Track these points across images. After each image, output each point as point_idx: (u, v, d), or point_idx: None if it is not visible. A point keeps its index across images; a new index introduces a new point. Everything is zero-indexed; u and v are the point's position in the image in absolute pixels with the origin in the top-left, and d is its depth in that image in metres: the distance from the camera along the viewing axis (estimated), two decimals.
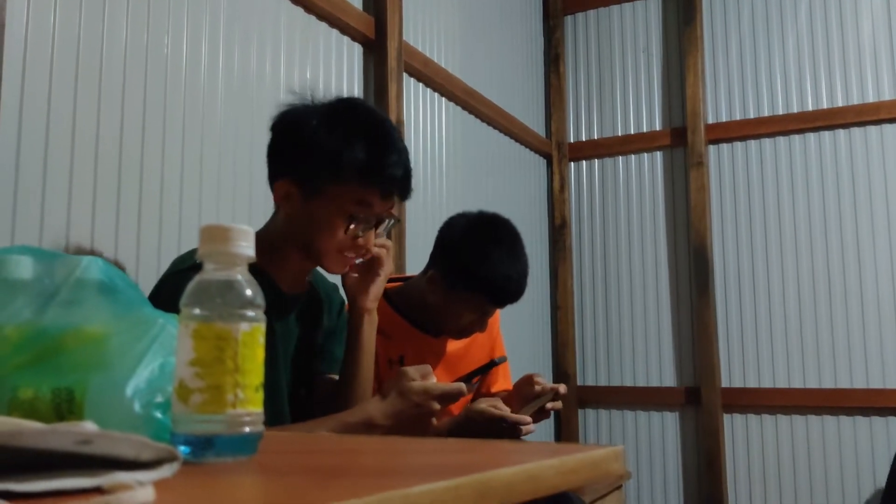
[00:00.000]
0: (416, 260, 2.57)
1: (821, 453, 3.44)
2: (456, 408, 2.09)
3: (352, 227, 1.42)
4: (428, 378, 1.40)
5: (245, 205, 2.13)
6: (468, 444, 0.76)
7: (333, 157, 1.40)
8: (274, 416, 1.43)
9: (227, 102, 2.10)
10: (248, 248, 0.65)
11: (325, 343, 1.68)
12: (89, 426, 0.48)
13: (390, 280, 2.16)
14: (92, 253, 1.69)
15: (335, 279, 1.78)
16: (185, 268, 1.39)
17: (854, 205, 3.49)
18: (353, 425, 1.37)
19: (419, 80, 3.00)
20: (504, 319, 2.17)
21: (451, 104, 3.22)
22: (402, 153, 1.46)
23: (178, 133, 1.94)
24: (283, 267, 1.51)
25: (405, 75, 2.88)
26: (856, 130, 3.51)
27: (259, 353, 0.64)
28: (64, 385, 0.73)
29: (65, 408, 0.72)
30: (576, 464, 0.64)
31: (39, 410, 0.72)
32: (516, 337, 3.52)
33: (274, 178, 1.48)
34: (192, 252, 1.50)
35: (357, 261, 1.53)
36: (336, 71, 2.58)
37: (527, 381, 1.97)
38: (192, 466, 0.58)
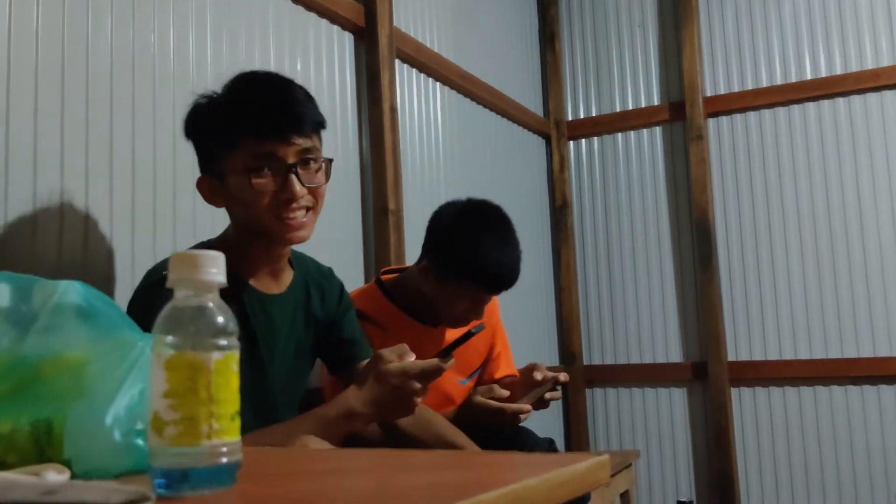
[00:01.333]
0: (415, 249, 2.55)
1: (829, 424, 3.44)
2: (458, 398, 2.09)
3: (256, 182, 1.36)
4: (405, 357, 1.33)
5: None
6: (454, 458, 0.75)
7: (215, 130, 1.40)
8: (266, 423, 1.41)
9: None
10: (218, 275, 0.64)
11: (329, 336, 1.65)
12: (53, 477, 0.47)
13: (387, 271, 2.16)
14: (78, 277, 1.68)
15: (329, 264, 1.76)
16: (153, 281, 1.38)
17: (856, 173, 3.46)
18: (333, 419, 1.33)
19: (412, 66, 2.97)
20: (507, 302, 2.16)
21: (446, 89, 3.19)
22: (278, 93, 1.40)
23: (170, 131, 1.92)
24: (252, 265, 1.48)
25: (398, 62, 2.85)
26: (855, 98, 3.47)
27: (234, 381, 0.63)
28: (43, 416, 0.72)
29: (44, 440, 0.71)
30: (561, 479, 0.63)
31: (18, 444, 0.71)
32: (520, 319, 3.52)
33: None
34: (165, 262, 1.48)
35: (301, 216, 1.42)
36: (327, 61, 2.56)
37: (530, 370, 1.97)
38: (170, 502, 0.57)
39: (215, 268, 0.64)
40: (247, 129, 1.36)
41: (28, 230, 1.58)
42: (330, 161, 1.45)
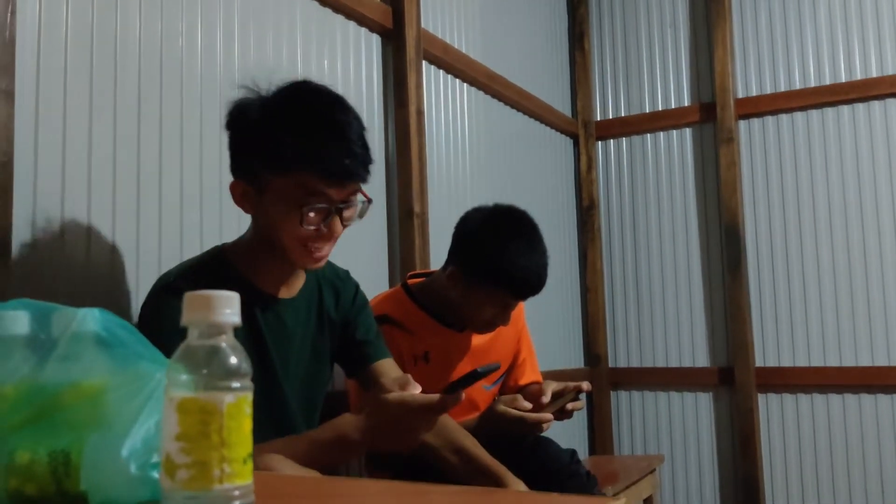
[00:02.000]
0: (440, 253, 2.55)
1: (858, 432, 3.39)
2: (482, 404, 2.08)
3: (306, 217, 1.35)
4: (407, 388, 1.25)
5: None
6: (470, 497, 0.74)
7: (269, 147, 1.34)
8: (280, 432, 1.41)
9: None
10: (232, 315, 0.64)
11: (344, 336, 1.63)
12: None
13: (413, 275, 2.16)
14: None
15: (354, 268, 1.76)
16: (161, 286, 1.39)
17: (890, 179, 3.40)
18: (325, 443, 1.28)
19: (439, 67, 2.96)
20: (533, 303, 2.15)
21: (473, 89, 3.18)
22: (345, 132, 1.36)
23: (196, 132, 1.93)
24: (264, 271, 1.48)
25: (425, 63, 2.84)
26: (891, 102, 3.41)
27: (246, 424, 0.63)
28: (60, 447, 0.73)
29: (61, 471, 0.72)
30: None
31: (37, 474, 0.72)
32: (546, 320, 3.50)
33: (233, 177, 1.45)
34: (174, 269, 1.48)
35: (326, 249, 1.43)
36: (354, 63, 2.56)
37: (538, 392, 1.97)
38: None
39: (229, 308, 0.64)
40: (307, 167, 1.33)
41: (56, 234, 1.59)
42: (369, 203, 1.45)
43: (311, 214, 1.35)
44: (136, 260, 1.75)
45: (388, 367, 1.63)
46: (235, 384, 0.62)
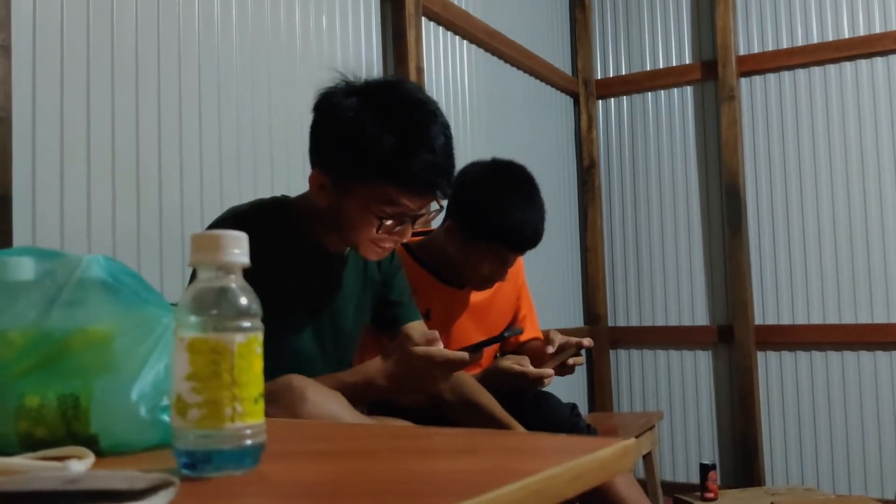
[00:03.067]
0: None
1: (856, 389, 3.41)
2: (485, 361, 2.09)
3: (384, 225, 1.37)
4: (434, 344, 1.35)
5: (266, 164, 2.11)
6: (477, 441, 0.75)
7: (360, 153, 1.33)
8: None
9: (243, 60, 2.07)
10: (241, 256, 0.63)
11: (383, 295, 1.66)
12: (75, 466, 0.47)
13: (414, 234, 2.16)
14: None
15: None
16: (232, 216, 1.41)
17: (892, 136, 3.38)
18: (351, 385, 1.34)
19: (439, 23, 2.93)
20: (533, 263, 2.15)
21: (473, 47, 3.15)
22: (438, 146, 1.36)
23: (194, 88, 1.92)
24: (325, 231, 1.48)
25: (424, 20, 2.81)
26: (894, 58, 3.38)
27: (257, 364, 0.63)
28: (69, 391, 0.72)
29: (71, 414, 0.72)
30: (585, 467, 0.62)
31: (46, 418, 0.72)
32: (546, 280, 3.51)
33: (312, 163, 1.43)
34: (250, 204, 1.49)
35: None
36: (353, 19, 2.53)
37: (545, 341, 1.96)
38: (191, 485, 0.58)
39: (238, 248, 0.63)
40: (398, 179, 1.33)
41: (56, 189, 1.59)
42: (440, 211, 1.48)
43: (388, 223, 1.37)
44: (136, 213, 1.75)
45: (419, 330, 1.65)
46: (246, 324, 0.62)
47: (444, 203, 1.48)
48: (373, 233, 1.38)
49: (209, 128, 1.95)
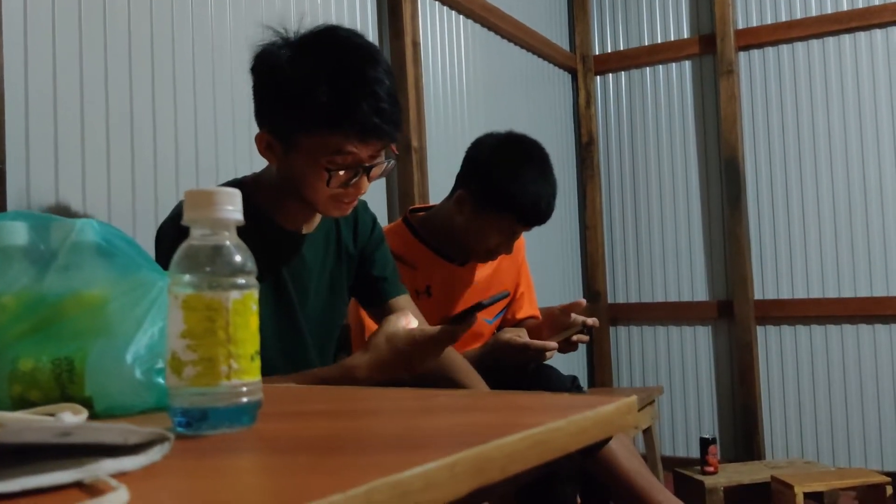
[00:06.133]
0: (439, 187, 2.53)
1: (856, 363, 3.41)
2: (486, 335, 2.09)
3: (335, 176, 1.33)
4: (403, 321, 1.32)
5: None
6: (480, 400, 0.74)
7: (297, 104, 1.30)
8: (295, 365, 1.41)
9: (236, 37, 2.05)
10: (235, 212, 0.62)
11: (361, 271, 1.62)
12: (68, 418, 0.46)
13: (415, 210, 2.14)
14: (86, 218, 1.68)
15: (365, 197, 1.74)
16: (177, 214, 1.36)
17: (892, 109, 3.36)
18: (331, 379, 1.31)
19: None
20: (533, 240, 2.14)
21: (470, 22, 3.12)
22: (378, 90, 1.30)
23: (188, 62, 1.90)
24: (284, 208, 1.45)
25: None
26: (893, 30, 3.35)
27: (252, 321, 0.62)
28: (64, 354, 0.72)
29: (65, 377, 0.71)
30: (587, 422, 0.62)
31: (40, 381, 0.71)
32: (546, 257, 3.50)
33: (258, 126, 1.40)
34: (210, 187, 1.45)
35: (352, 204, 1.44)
36: None
37: (563, 310, 1.95)
38: (186, 442, 0.57)
39: (231, 205, 0.62)
40: (337, 127, 1.30)
41: (49, 158, 1.57)
42: (395, 162, 1.43)
43: (340, 173, 1.33)
44: (131, 184, 1.74)
45: (404, 304, 1.63)
46: (241, 280, 0.61)
47: (398, 154, 1.43)
48: (325, 187, 1.34)
49: (203, 96, 1.94)
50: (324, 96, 1.28)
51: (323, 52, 1.33)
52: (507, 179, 1.86)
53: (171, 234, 1.31)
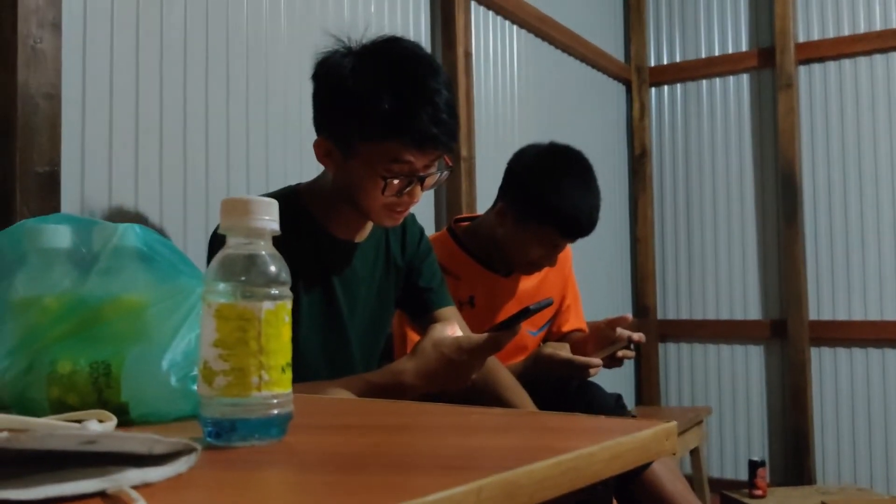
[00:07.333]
0: (487, 197, 2.52)
1: None
2: (529, 348, 2.06)
3: (390, 185, 1.34)
4: (448, 330, 1.33)
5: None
6: (515, 420, 0.72)
7: (359, 112, 1.31)
8: (339, 373, 1.41)
9: (290, 45, 2.06)
10: (271, 222, 0.62)
11: (408, 282, 1.62)
12: (94, 426, 0.46)
13: (459, 220, 2.13)
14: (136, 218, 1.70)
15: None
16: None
17: None
18: (381, 387, 1.32)
19: (489, 8, 2.90)
20: (582, 252, 2.11)
21: (523, 32, 3.11)
22: (437, 100, 1.32)
23: (242, 75, 1.92)
24: (337, 217, 1.46)
25: (473, 4, 2.78)
26: None
27: (285, 332, 0.61)
28: (101, 358, 0.72)
29: (102, 382, 0.71)
30: (623, 447, 0.60)
31: (78, 384, 0.72)
32: (594, 270, 3.46)
33: (317, 132, 1.42)
34: (265, 194, 1.47)
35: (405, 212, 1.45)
36: (402, 5, 2.51)
37: (608, 324, 1.92)
38: (215, 453, 0.57)
39: (268, 215, 0.62)
40: (399, 135, 1.31)
41: (104, 167, 1.60)
42: (451, 171, 1.44)
43: (395, 182, 1.34)
44: (182, 191, 1.76)
45: (450, 315, 1.63)
46: (274, 291, 0.61)
47: (452, 164, 1.43)
48: (380, 195, 1.35)
49: (256, 103, 1.95)
50: (385, 104, 1.29)
51: (386, 61, 1.34)
52: (547, 191, 1.83)
53: (219, 241, 1.32)
